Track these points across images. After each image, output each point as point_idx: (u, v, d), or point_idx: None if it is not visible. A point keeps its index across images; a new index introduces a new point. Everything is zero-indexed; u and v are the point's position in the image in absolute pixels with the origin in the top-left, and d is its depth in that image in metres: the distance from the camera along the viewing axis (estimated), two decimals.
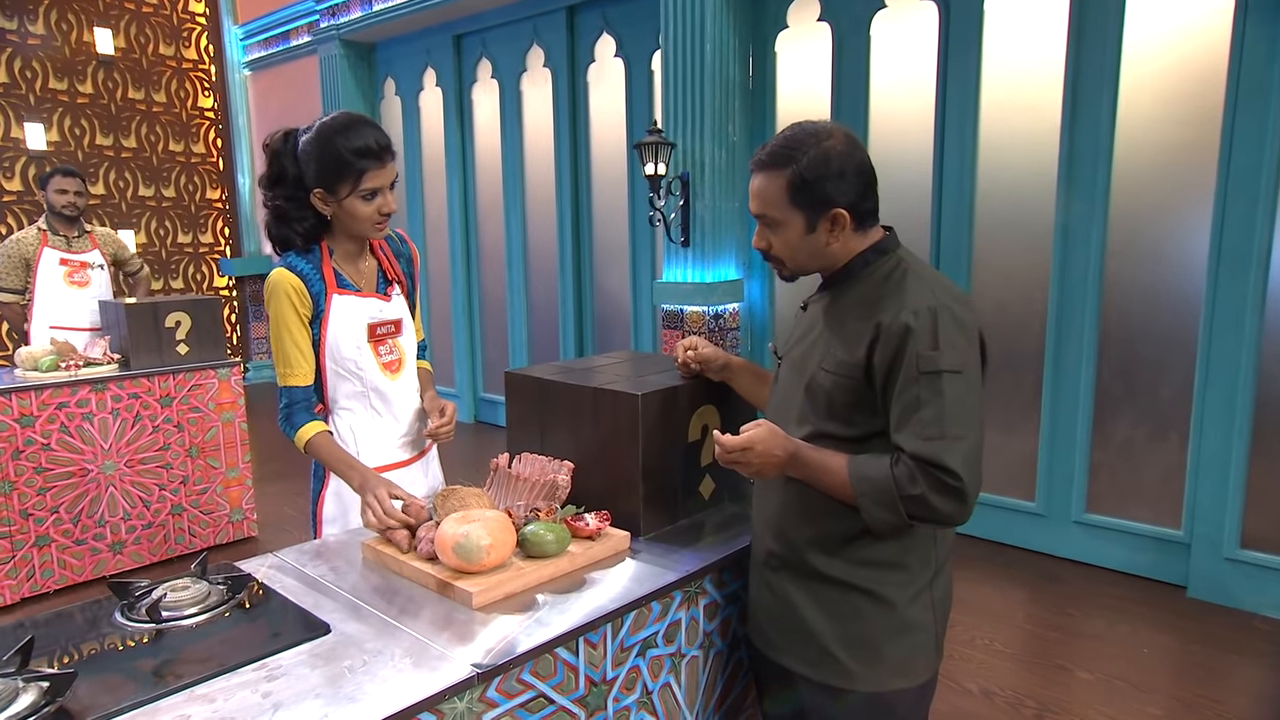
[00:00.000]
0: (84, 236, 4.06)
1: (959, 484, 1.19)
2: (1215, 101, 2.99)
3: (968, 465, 1.20)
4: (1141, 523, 3.31)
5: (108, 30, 6.74)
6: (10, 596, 3.27)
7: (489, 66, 5.64)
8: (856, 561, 1.32)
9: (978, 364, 1.27)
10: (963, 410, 1.21)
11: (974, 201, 3.61)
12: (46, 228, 3.96)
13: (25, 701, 1.03)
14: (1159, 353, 3.23)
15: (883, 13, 3.79)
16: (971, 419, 1.22)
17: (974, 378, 1.25)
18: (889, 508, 1.23)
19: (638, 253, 4.99)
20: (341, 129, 1.57)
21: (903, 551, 1.31)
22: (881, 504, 1.23)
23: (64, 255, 3.96)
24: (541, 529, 1.43)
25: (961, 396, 1.22)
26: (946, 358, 1.22)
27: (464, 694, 1.12)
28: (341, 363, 1.70)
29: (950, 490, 1.19)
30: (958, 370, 1.22)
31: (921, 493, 1.20)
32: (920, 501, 1.20)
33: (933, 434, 1.20)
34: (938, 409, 1.21)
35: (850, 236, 1.34)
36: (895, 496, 1.22)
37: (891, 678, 1.33)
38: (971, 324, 1.27)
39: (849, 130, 1.34)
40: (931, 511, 1.21)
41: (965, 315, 1.27)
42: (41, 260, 3.91)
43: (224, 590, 1.34)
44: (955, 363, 1.22)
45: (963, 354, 1.24)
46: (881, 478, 1.23)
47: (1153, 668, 2.70)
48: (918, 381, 1.22)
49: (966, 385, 1.23)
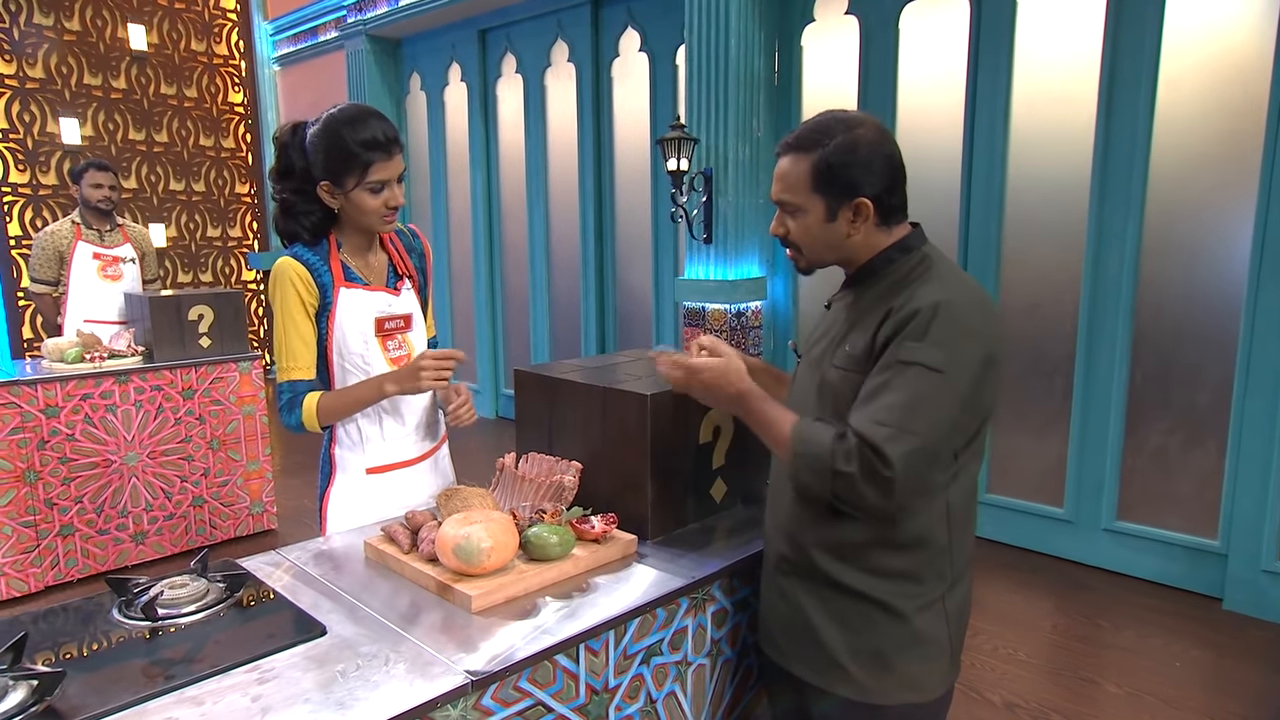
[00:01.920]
0: (116, 230, 4.09)
1: (890, 475, 1.13)
2: (1260, 93, 2.87)
3: (907, 463, 1.14)
4: (1175, 531, 3.20)
5: (141, 26, 6.83)
6: (35, 584, 3.31)
7: (513, 61, 5.63)
8: (869, 570, 1.26)
9: (970, 372, 1.18)
10: (927, 410, 1.15)
11: (1004, 199, 3.52)
12: (80, 221, 4.00)
13: (14, 699, 1.01)
14: (1196, 356, 3.12)
15: (912, 6, 3.70)
16: (933, 422, 1.15)
17: (957, 383, 1.17)
18: (819, 476, 1.19)
19: (660, 249, 4.95)
20: (348, 121, 1.55)
21: (917, 563, 1.26)
22: (813, 470, 1.20)
23: (98, 249, 4.00)
24: (545, 531, 1.40)
25: (931, 396, 1.15)
26: (930, 353, 1.16)
27: (458, 701, 1.09)
28: (348, 358, 1.67)
29: (880, 480, 1.14)
30: (938, 369, 1.16)
31: (852, 473, 1.15)
32: (848, 481, 1.16)
33: (885, 420, 1.15)
34: (899, 398, 1.15)
35: (873, 231, 1.29)
36: (829, 468, 1.17)
37: (901, 691, 1.28)
38: (979, 331, 1.20)
39: (881, 122, 1.29)
40: (856, 495, 1.16)
41: (973, 320, 1.20)
42: (76, 254, 3.96)
43: (222, 588, 1.33)
44: (938, 361, 1.16)
45: (952, 355, 1.16)
46: (821, 444, 1.19)
47: (1186, 683, 2.60)
48: (892, 367, 1.18)
49: (943, 387, 1.16)
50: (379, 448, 1.74)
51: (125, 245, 4.10)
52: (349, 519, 1.71)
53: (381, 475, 1.74)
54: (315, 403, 1.65)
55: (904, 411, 1.14)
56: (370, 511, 1.71)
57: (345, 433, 1.73)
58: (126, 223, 4.18)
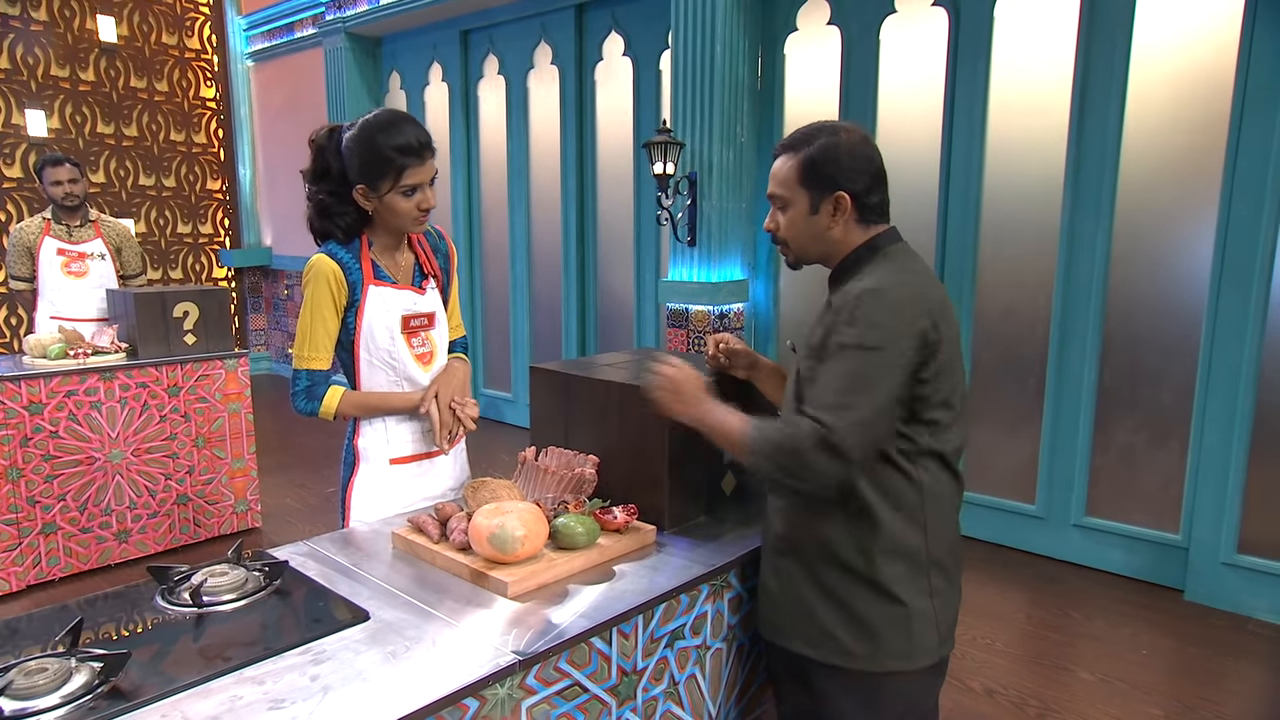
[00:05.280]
0: (87, 225, 4.03)
1: (836, 441, 1.23)
2: (1222, 109, 3.03)
3: (850, 429, 1.24)
4: (1140, 526, 3.36)
5: (110, 18, 6.71)
6: (17, 583, 3.27)
7: (496, 63, 5.65)
8: (859, 550, 1.36)
9: (898, 345, 1.28)
10: (860, 383, 1.26)
11: (980, 206, 3.65)
12: (50, 217, 3.95)
13: (79, 681, 1.04)
14: (1161, 359, 3.27)
15: (892, 17, 3.82)
16: (869, 393, 1.26)
17: (893, 357, 1.27)
18: (776, 462, 1.28)
19: (642, 251, 5.01)
20: (384, 126, 1.61)
21: (899, 543, 1.35)
22: (769, 458, 1.29)
23: (62, 245, 3.94)
24: (573, 521, 1.46)
25: (865, 371, 1.26)
26: (856, 333, 1.27)
27: (505, 680, 1.15)
28: (375, 353, 1.72)
29: (828, 448, 1.23)
30: (866, 346, 1.27)
31: (802, 448, 1.25)
32: (801, 458, 1.25)
33: (824, 400, 1.27)
34: (834, 377, 1.27)
35: (852, 227, 1.41)
36: (784, 450, 1.27)
37: (890, 659, 1.37)
38: (905, 309, 1.29)
39: (868, 132, 1.43)
40: (811, 469, 1.25)
41: (900, 299, 1.30)
42: (42, 249, 3.90)
43: (260, 577, 1.36)
44: (872, 340, 1.27)
45: (884, 332, 1.27)
46: (773, 433, 1.30)
47: (1153, 669, 2.74)
48: (829, 352, 1.30)
49: (876, 362, 1.26)
50: (403, 440, 1.79)
51: (95, 241, 4.03)
52: (372, 509, 1.75)
53: (404, 466, 1.79)
54: (338, 399, 1.71)
55: (840, 388, 1.26)
56: (392, 502, 1.76)
57: (370, 425, 1.77)
58: (103, 218, 4.12)
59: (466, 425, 1.79)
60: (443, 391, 1.77)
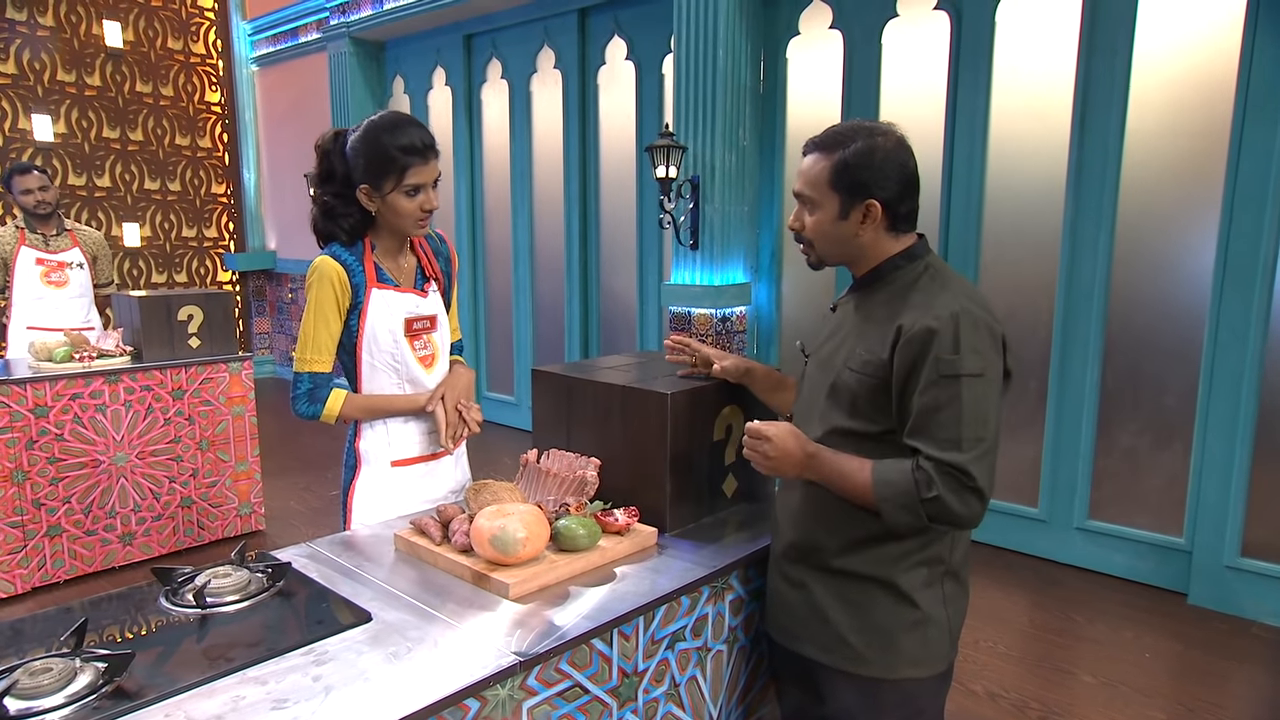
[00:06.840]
0: (63, 234, 4.02)
1: (974, 485, 1.24)
2: (1224, 113, 3.03)
3: (983, 467, 1.24)
4: (1144, 530, 3.35)
5: (116, 23, 6.75)
6: (21, 585, 3.28)
7: (499, 67, 5.67)
8: (873, 558, 1.36)
9: (999, 368, 1.31)
10: (980, 414, 1.25)
11: (982, 209, 3.65)
12: (25, 225, 3.94)
13: (83, 681, 1.05)
14: (1163, 362, 3.27)
15: (894, 21, 3.83)
16: (988, 422, 1.26)
17: (994, 381, 1.29)
18: (910, 510, 1.27)
19: (645, 255, 5.02)
20: (388, 127, 1.62)
21: (918, 548, 1.35)
22: (903, 507, 1.27)
23: (41, 254, 3.94)
24: (574, 523, 1.46)
25: (979, 400, 1.26)
26: (967, 362, 1.26)
27: (506, 681, 1.15)
28: (378, 355, 1.73)
29: (967, 493, 1.24)
30: (978, 374, 1.26)
31: (938, 494, 1.24)
32: (938, 503, 1.25)
33: (950, 437, 1.24)
34: (955, 413, 1.25)
35: (881, 235, 1.38)
36: (916, 499, 1.26)
37: (904, 666, 1.37)
38: (994, 327, 1.31)
39: (903, 136, 1.38)
40: (949, 513, 1.25)
41: (988, 320, 1.31)
42: (19, 259, 3.90)
43: (263, 579, 1.37)
44: (976, 366, 1.26)
45: (984, 358, 1.27)
46: (902, 481, 1.27)
47: (1155, 673, 2.74)
48: (938, 384, 1.26)
49: (985, 388, 1.27)
50: (404, 442, 1.80)
51: (73, 250, 4.03)
52: (373, 511, 1.76)
53: (406, 468, 1.80)
54: (341, 402, 1.72)
55: (964, 423, 1.24)
56: (394, 504, 1.77)
57: (372, 428, 1.78)
58: (77, 226, 4.12)
59: (471, 427, 1.80)
60: (449, 393, 1.78)
